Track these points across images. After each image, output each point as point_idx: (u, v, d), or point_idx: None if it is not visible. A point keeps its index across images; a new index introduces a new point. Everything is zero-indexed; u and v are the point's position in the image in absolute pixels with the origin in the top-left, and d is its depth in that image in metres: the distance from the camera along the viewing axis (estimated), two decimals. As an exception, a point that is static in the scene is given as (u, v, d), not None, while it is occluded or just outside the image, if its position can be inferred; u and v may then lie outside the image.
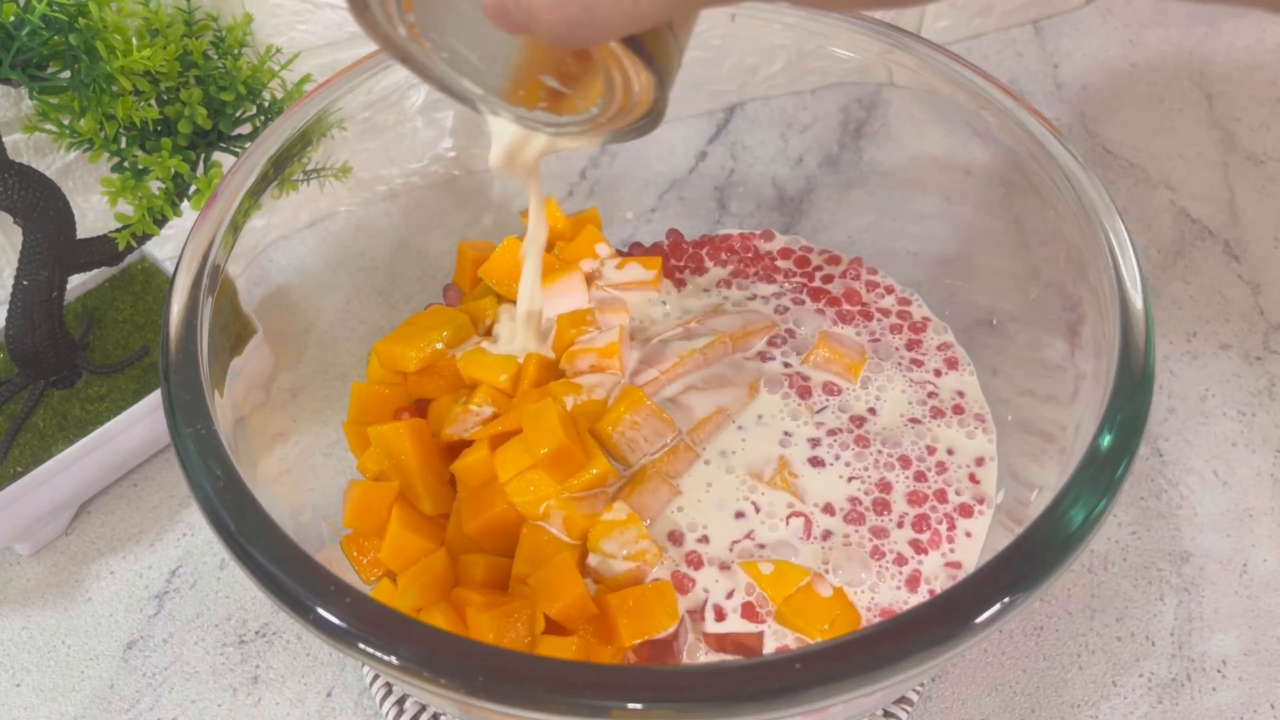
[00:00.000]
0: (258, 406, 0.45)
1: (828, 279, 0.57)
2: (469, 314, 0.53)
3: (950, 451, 0.49)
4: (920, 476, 0.48)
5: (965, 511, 0.47)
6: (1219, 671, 0.49)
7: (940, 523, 0.47)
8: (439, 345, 0.51)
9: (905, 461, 0.48)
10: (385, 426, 0.48)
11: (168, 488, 0.56)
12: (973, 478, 0.48)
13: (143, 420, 0.53)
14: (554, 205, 0.57)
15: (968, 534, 0.47)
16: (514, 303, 0.50)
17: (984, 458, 0.49)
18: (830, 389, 0.51)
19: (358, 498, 0.46)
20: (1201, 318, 0.62)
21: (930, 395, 0.51)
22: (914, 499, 0.47)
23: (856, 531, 0.46)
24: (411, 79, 0.50)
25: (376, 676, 0.49)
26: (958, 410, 0.50)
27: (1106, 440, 0.36)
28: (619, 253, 0.56)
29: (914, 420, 0.50)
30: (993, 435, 0.50)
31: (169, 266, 0.58)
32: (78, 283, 0.57)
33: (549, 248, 0.56)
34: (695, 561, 0.45)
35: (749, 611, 0.44)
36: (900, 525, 0.46)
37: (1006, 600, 0.32)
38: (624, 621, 0.42)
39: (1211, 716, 0.48)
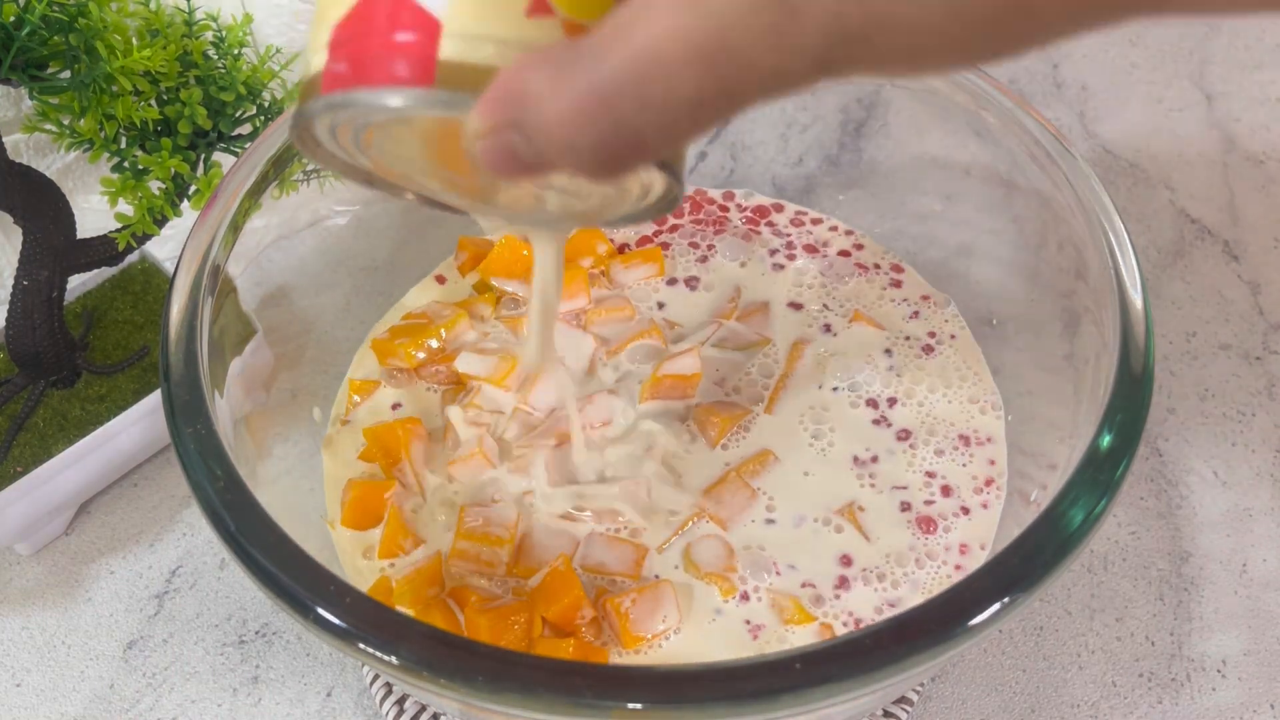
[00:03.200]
0: (258, 406, 0.45)
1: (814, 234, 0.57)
2: (467, 309, 0.53)
3: (966, 438, 0.49)
4: (961, 465, 0.48)
5: (980, 505, 0.47)
6: (1219, 671, 0.49)
7: (958, 514, 0.46)
8: (435, 343, 0.51)
9: (941, 452, 0.48)
10: (381, 425, 0.48)
11: (168, 488, 0.56)
12: (991, 461, 0.48)
13: (143, 420, 0.53)
14: None
15: (978, 528, 0.46)
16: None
17: (993, 437, 0.49)
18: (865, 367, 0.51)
19: (354, 497, 0.46)
20: (1201, 318, 0.62)
21: (942, 383, 0.51)
22: (947, 493, 0.47)
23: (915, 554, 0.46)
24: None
25: (376, 676, 0.49)
26: (972, 399, 0.50)
27: (1106, 440, 0.36)
28: (618, 250, 0.56)
29: (928, 412, 0.50)
30: (1001, 414, 0.49)
31: (169, 266, 0.58)
32: (78, 283, 0.57)
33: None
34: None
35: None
36: (945, 527, 0.46)
37: (1006, 600, 0.32)
38: (624, 624, 0.42)
39: (1211, 716, 0.48)
